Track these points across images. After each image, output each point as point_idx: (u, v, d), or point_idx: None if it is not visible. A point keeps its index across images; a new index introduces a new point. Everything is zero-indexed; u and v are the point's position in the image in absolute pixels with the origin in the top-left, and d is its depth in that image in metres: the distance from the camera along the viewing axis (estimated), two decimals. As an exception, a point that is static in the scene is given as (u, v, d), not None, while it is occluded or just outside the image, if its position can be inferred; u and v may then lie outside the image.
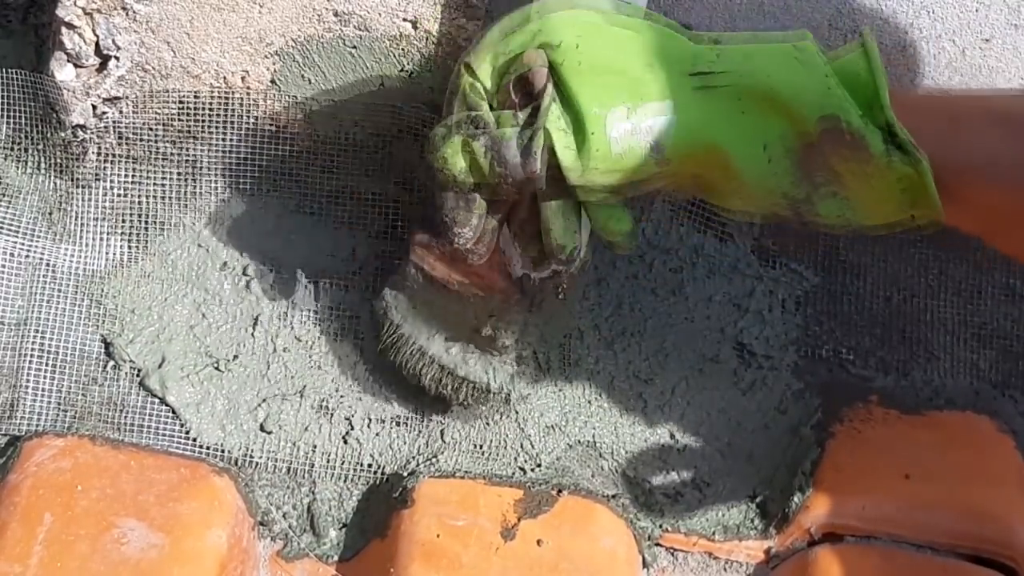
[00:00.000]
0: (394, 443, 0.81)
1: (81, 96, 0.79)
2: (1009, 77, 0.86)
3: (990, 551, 0.78)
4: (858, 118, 0.63)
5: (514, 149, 0.64)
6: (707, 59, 0.65)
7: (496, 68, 0.65)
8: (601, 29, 0.65)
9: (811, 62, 0.64)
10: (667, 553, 0.81)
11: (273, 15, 0.79)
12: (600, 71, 0.63)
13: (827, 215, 0.66)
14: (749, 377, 0.86)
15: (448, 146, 0.65)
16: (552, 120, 0.64)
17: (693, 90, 0.64)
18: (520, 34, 0.65)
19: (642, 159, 0.64)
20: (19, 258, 0.79)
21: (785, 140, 0.65)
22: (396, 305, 0.77)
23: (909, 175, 0.64)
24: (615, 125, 0.63)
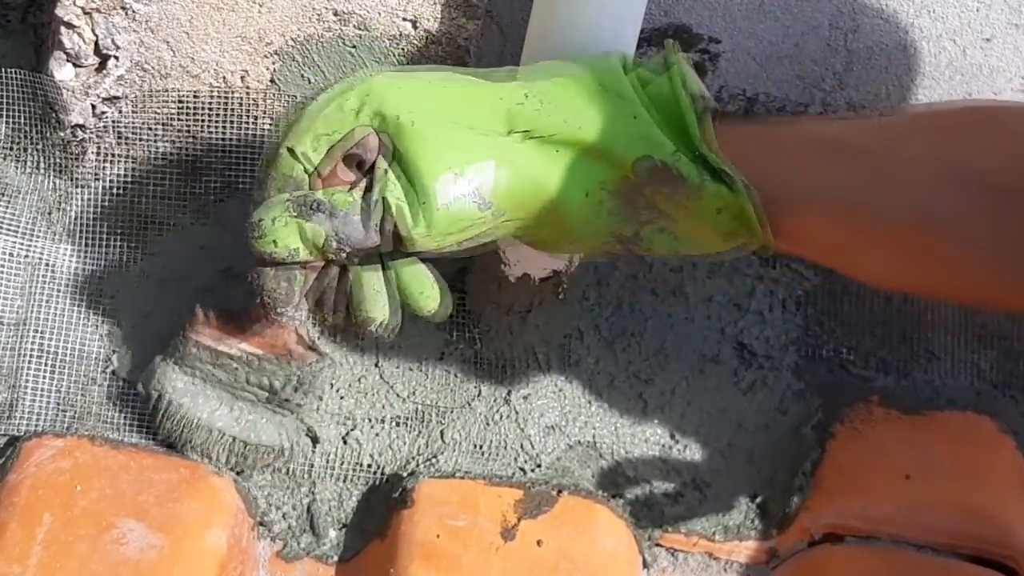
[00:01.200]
0: (394, 443, 0.81)
1: (80, 96, 0.79)
2: (1010, 76, 0.86)
3: (991, 551, 0.78)
4: (671, 153, 0.64)
5: (356, 225, 0.64)
6: (521, 117, 0.65)
7: (317, 148, 0.65)
8: (421, 97, 0.65)
9: (618, 101, 0.65)
10: (667, 553, 0.81)
11: (273, 14, 0.79)
12: (426, 138, 0.64)
13: (657, 248, 0.67)
14: (749, 377, 0.86)
15: (280, 229, 0.65)
16: (389, 191, 0.64)
17: (513, 143, 0.65)
18: (342, 113, 0.65)
19: (474, 217, 0.65)
20: (18, 258, 0.79)
21: (606, 184, 0.65)
22: (172, 384, 0.75)
23: (727, 200, 0.64)
24: (444, 191, 0.64)
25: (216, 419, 0.75)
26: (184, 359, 0.75)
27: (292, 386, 0.75)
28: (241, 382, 0.75)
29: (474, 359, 0.83)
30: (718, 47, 0.85)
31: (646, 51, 0.85)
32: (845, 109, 0.88)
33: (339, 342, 0.81)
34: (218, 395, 0.75)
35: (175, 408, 0.75)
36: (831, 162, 0.65)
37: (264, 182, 0.67)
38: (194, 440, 0.75)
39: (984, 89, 0.87)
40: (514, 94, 0.66)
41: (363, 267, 0.68)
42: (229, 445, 0.75)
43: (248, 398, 0.75)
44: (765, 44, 0.85)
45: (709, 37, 0.85)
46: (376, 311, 0.68)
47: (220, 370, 0.74)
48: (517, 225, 0.67)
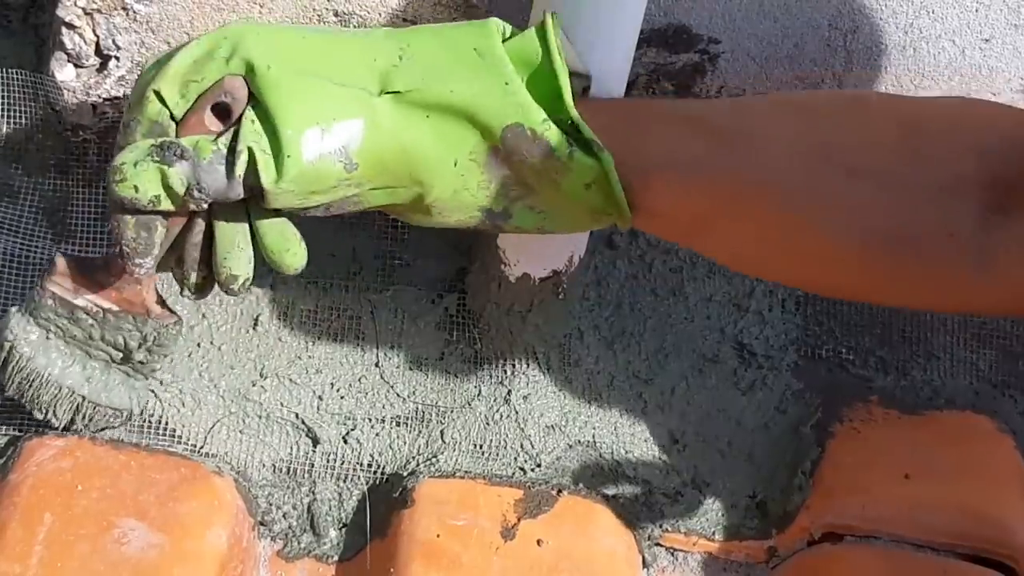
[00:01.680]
0: (394, 443, 0.81)
1: (81, 96, 0.79)
2: (1009, 77, 0.86)
3: (989, 551, 0.78)
4: (540, 121, 0.64)
5: (218, 173, 0.63)
6: (394, 78, 0.64)
7: (185, 95, 0.64)
8: (294, 50, 0.64)
9: (491, 65, 0.65)
10: (667, 553, 0.81)
11: (273, 15, 0.79)
12: (295, 91, 0.63)
13: (525, 225, 0.67)
14: (749, 377, 0.86)
15: (140, 174, 0.63)
16: (253, 140, 0.63)
17: (383, 103, 0.64)
18: (212, 60, 0.64)
19: (339, 177, 0.64)
20: (19, 259, 0.79)
21: (474, 154, 0.65)
22: (25, 338, 0.71)
23: (594, 172, 0.64)
24: (309, 146, 0.63)
25: (66, 376, 0.72)
26: (39, 311, 0.71)
27: (147, 347, 0.72)
28: (96, 340, 0.72)
29: (474, 359, 0.83)
30: (718, 47, 0.85)
31: (645, 51, 0.85)
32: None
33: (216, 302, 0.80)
34: (71, 352, 0.72)
35: (24, 361, 0.71)
36: (688, 134, 0.65)
37: (129, 126, 0.65)
38: (41, 396, 0.72)
39: (983, 89, 0.87)
40: (389, 54, 0.65)
41: (228, 221, 0.66)
42: (77, 404, 0.73)
43: (101, 357, 0.73)
44: (765, 45, 0.85)
45: (709, 37, 0.85)
46: (240, 268, 0.66)
47: (75, 326, 0.71)
48: (385, 193, 0.66)
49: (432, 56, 0.65)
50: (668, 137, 0.65)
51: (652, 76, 0.86)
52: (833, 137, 0.65)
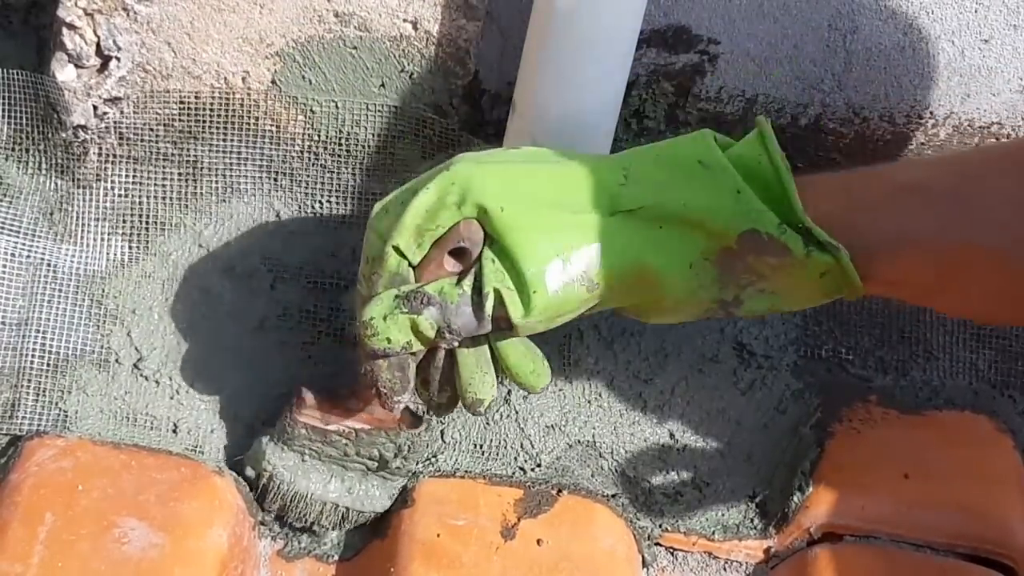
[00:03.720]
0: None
1: (82, 96, 0.79)
2: (1008, 77, 0.86)
3: (989, 550, 0.78)
4: (776, 226, 0.66)
5: (467, 315, 0.66)
6: (623, 198, 0.67)
7: (421, 244, 0.67)
8: (521, 186, 0.67)
9: (718, 175, 0.67)
10: (667, 552, 0.81)
11: (274, 16, 0.79)
12: (530, 227, 0.66)
13: (755, 309, 0.69)
14: (748, 377, 0.86)
15: (391, 327, 0.66)
16: (498, 281, 0.66)
17: (615, 223, 0.67)
18: (444, 208, 0.66)
19: (582, 299, 0.67)
20: (20, 258, 0.79)
21: (708, 254, 0.67)
22: (283, 464, 0.75)
23: (830, 266, 0.66)
24: (553, 278, 0.66)
25: (328, 492, 0.76)
26: (292, 440, 0.75)
27: (402, 456, 0.76)
28: (351, 456, 0.76)
29: (474, 359, 0.83)
30: (717, 48, 0.85)
31: (645, 52, 0.85)
32: (844, 110, 0.88)
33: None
34: (328, 468, 0.76)
35: (285, 486, 0.75)
36: (918, 205, 0.66)
37: (370, 279, 0.68)
38: (308, 513, 0.76)
39: (982, 90, 0.87)
40: (614, 174, 0.68)
41: (471, 349, 0.69)
42: (343, 514, 0.76)
43: (358, 469, 0.76)
44: (764, 45, 0.85)
45: (708, 38, 0.85)
46: (485, 391, 0.70)
47: (329, 447, 0.75)
48: (620, 301, 0.69)
49: (656, 172, 0.68)
50: (895, 213, 0.66)
51: (652, 76, 0.86)
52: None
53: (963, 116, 0.88)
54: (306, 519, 0.76)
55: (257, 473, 0.76)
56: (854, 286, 0.66)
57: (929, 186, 0.67)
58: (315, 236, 0.83)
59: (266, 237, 0.83)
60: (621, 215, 0.67)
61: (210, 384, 0.80)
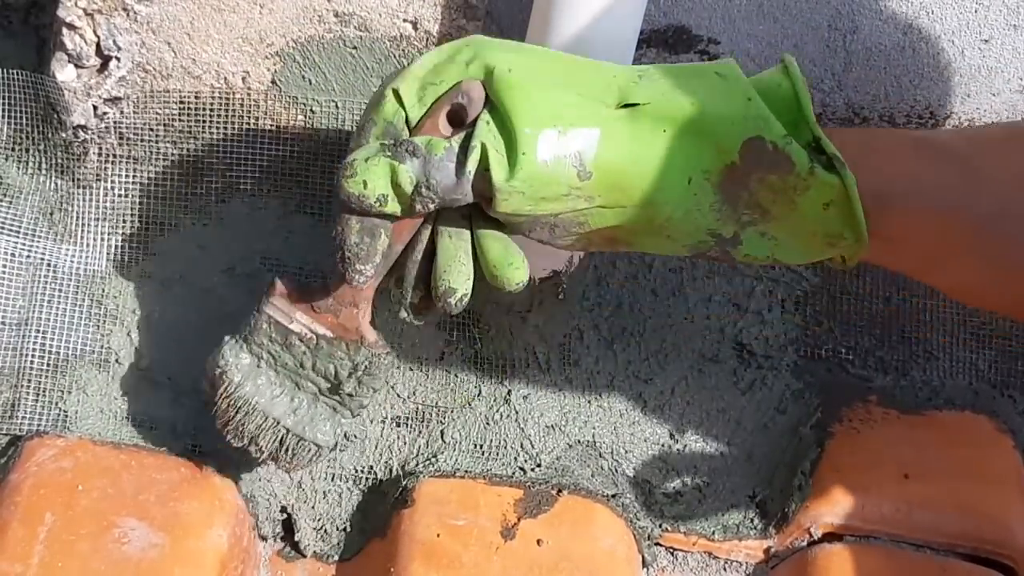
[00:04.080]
0: (394, 443, 0.81)
1: (82, 96, 0.79)
2: (1008, 78, 0.86)
3: (989, 551, 0.78)
4: (782, 136, 0.64)
5: (448, 170, 0.63)
6: (633, 91, 0.65)
7: (423, 99, 0.65)
8: (532, 58, 0.65)
9: (732, 83, 0.65)
10: (667, 553, 0.81)
11: (274, 16, 0.79)
12: (533, 93, 0.63)
13: (755, 253, 0.67)
14: (749, 377, 0.86)
15: (370, 169, 0.63)
16: (488, 138, 0.63)
17: (620, 115, 0.64)
18: (453, 64, 0.64)
19: (572, 183, 0.64)
20: (20, 258, 0.79)
21: (709, 173, 0.64)
22: (236, 364, 0.72)
23: (835, 189, 0.63)
24: (545, 145, 0.63)
25: (274, 406, 0.72)
26: (254, 335, 0.72)
27: (357, 377, 0.72)
28: (307, 369, 0.72)
29: (474, 359, 0.83)
30: (717, 48, 0.85)
31: (645, 52, 0.85)
32: (844, 110, 0.88)
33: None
34: (280, 381, 0.72)
35: (233, 387, 0.72)
36: (927, 162, 0.65)
37: (364, 127, 0.65)
38: (246, 424, 0.72)
39: (982, 90, 0.87)
40: (629, 73, 0.66)
41: (449, 234, 0.66)
42: (282, 436, 0.73)
43: (310, 389, 0.73)
44: (764, 45, 0.85)
45: (708, 38, 0.85)
46: (458, 282, 0.66)
47: (287, 352, 0.72)
48: (614, 213, 0.66)
49: (672, 76, 0.66)
50: (910, 163, 0.65)
51: (652, 76, 0.86)
52: None
53: (963, 116, 0.88)
54: (243, 434, 0.72)
55: (211, 366, 0.72)
56: (858, 228, 0.64)
57: (941, 144, 0.66)
58: (315, 236, 0.83)
59: (266, 237, 0.83)
60: (627, 110, 0.64)
61: (210, 384, 0.80)
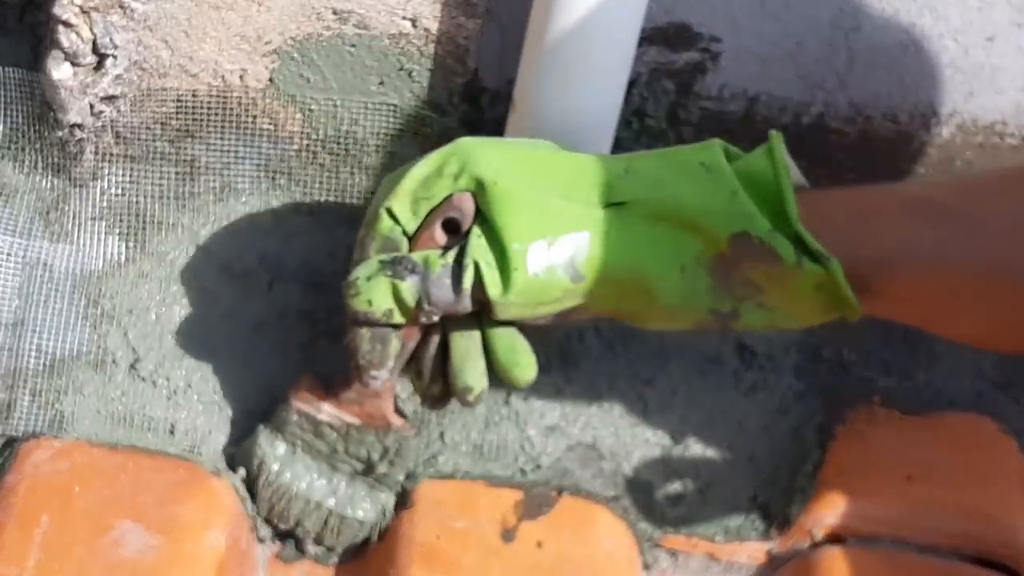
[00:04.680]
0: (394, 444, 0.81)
1: (78, 95, 0.79)
2: (1012, 76, 0.86)
3: (993, 553, 0.78)
4: (767, 231, 0.65)
5: (446, 287, 0.65)
6: (619, 188, 0.66)
7: (416, 212, 0.67)
8: (519, 165, 0.67)
9: (717, 177, 0.66)
10: (668, 555, 0.81)
11: (271, 13, 0.78)
12: (520, 205, 0.65)
13: (753, 324, 0.68)
14: (750, 378, 0.86)
15: (374, 288, 0.66)
16: (480, 255, 0.65)
17: (608, 215, 0.66)
18: (441, 178, 0.66)
19: (565, 288, 0.66)
20: (15, 258, 0.79)
21: (700, 259, 0.66)
22: (273, 453, 0.76)
23: (821, 278, 0.65)
24: (536, 259, 0.65)
25: (315, 490, 0.76)
26: (285, 427, 0.76)
27: (388, 459, 0.76)
28: (340, 453, 0.76)
29: (474, 359, 0.83)
30: (719, 46, 0.85)
31: (646, 50, 0.85)
32: (847, 109, 0.88)
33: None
34: (317, 466, 0.76)
35: (274, 476, 0.76)
36: (921, 222, 0.66)
37: (363, 242, 0.68)
38: (290, 510, 0.76)
39: (986, 88, 0.87)
40: (614, 166, 0.67)
41: (460, 334, 0.69)
42: (324, 518, 0.76)
43: (345, 471, 0.76)
44: (766, 43, 0.85)
45: (710, 36, 0.85)
46: (474, 380, 0.69)
47: (320, 440, 0.76)
48: (610, 301, 0.68)
49: (657, 170, 0.67)
50: (897, 227, 0.66)
51: (653, 75, 0.86)
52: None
53: (967, 114, 0.88)
54: (289, 518, 0.76)
55: (249, 459, 0.76)
56: (849, 303, 0.65)
57: (933, 201, 0.67)
58: (313, 236, 0.83)
59: (264, 237, 0.83)
60: (615, 208, 0.66)
61: (207, 385, 0.80)
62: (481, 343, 0.69)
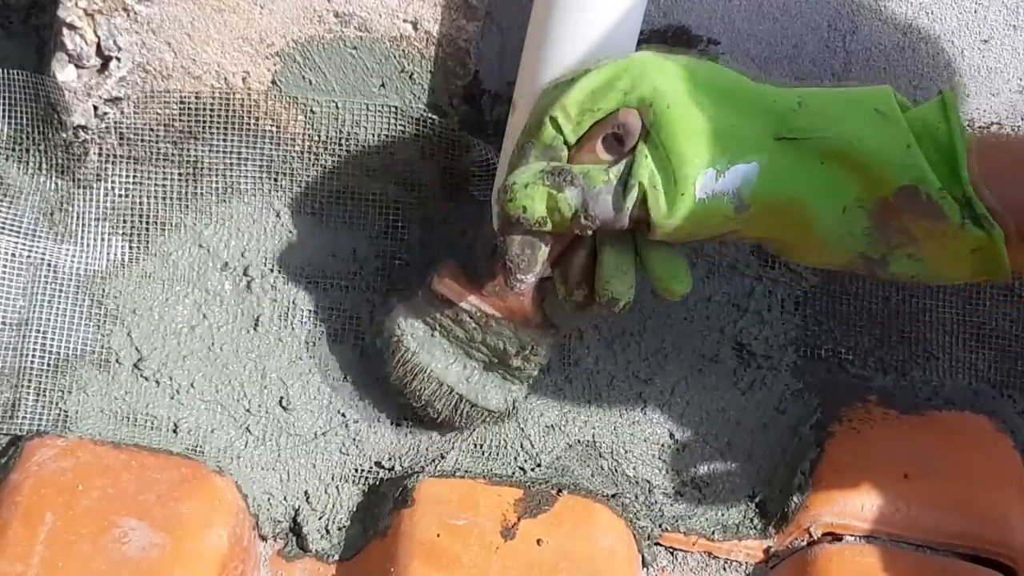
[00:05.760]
0: (394, 443, 0.81)
1: (82, 97, 0.79)
2: (1008, 78, 0.86)
3: (989, 551, 0.78)
4: (937, 189, 0.65)
5: (607, 203, 0.65)
6: (793, 121, 0.66)
7: (580, 123, 0.67)
8: (692, 87, 0.66)
9: (892, 125, 0.66)
10: (667, 552, 0.81)
11: (274, 16, 0.79)
12: (692, 130, 0.65)
13: (900, 273, 0.68)
14: (748, 377, 0.86)
15: (531, 195, 0.66)
16: (646, 176, 0.65)
17: (778, 147, 0.66)
18: (612, 92, 0.66)
19: (728, 216, 0.66)
20: (20, 258, 0.79)
21: (863, 201, 0.66)
22: (412, 332, 0.77)
23: (983, 242, 0.65)
24: (705, 184, 0.64)
25: (448, 373, 0.77)
26: (425, 309, 0.76)
27: (523, 355, 0.76)
28: (477, 342, 0.76)
29: (474, 359, 0.83)
30: (717, 48, 0.85)
31: (645, 52, 0.85)
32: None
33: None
34: (453, 351, 0.77)
35: (410, 354, 0.77)
36: None
37: (524, 148, 0.68)
38: (422, 389, 0.77)
39: (982, 90, 0.87)
40: (788, 99, 0.67)
41: (613, 246, 0.69)
42: (455, 402, 0.77)
43: (480, 359, 0.77)
44: (764, 45, 0.85)
45: (708, 38, 0.85)
46: (622, 291, 0.69)
47: (458, 327, 0.76)
48: (765, 230, 0.68)
49: (831, 107, 0.66)
50: None
51: (652, 77, 0.86)
52: None
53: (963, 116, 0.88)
54: (420, 395, 0.77)
55: (387, 333, 0.77)
56: (1004, 269, 0.65)
57: None
58: (315, 236, 0.84)
59: (266, 237, 0.83)
60: (785, 142, 0.66)
61: (210, 384, 0.80)
62: (632, 258, 0.69)
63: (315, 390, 0.81)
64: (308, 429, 0.80)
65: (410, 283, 0.83)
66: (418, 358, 0.77)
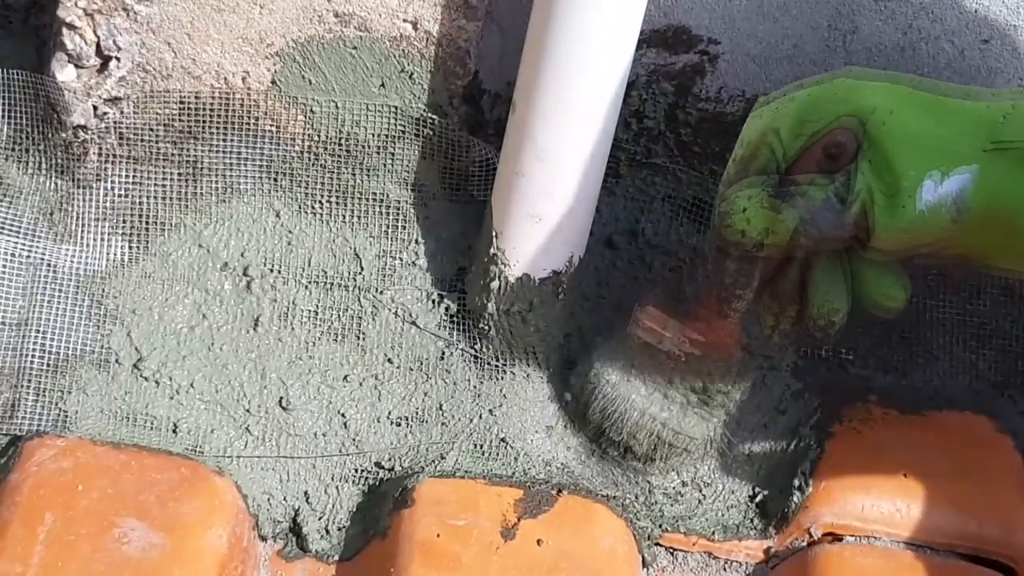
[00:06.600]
0: (394, 443, 0.81)
1: (82, 97, 0.79)
2: (1008, 77, 0.86)
3: (989, 551, 0.79)
4: None
5: (827, 218, 0.66)
6: (1002, 132, 0.66)
7: (799, 135, 0.67)
8: (900, 103, 0.67)
9: None
10: (667, 553, 0.81)
11: (274, 16, 0.79)
12: (913, 139, 0.66)
13: None
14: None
15: (748, 217, 0.67)
16: (867, 185, 0.66)
17: (989, 157, 0.66)
18: (830, 104, 0.67)
19: (946, 224, 0.66)
20: (20, 258, 0.79)
21: None
22: (608, 371, 0.78)
23: None
24: (925, 195, 0.65)
25: (651, 403, 0.78)
26: (622, 349, 0.78)
27: (723, 391, 0.78)
28: (675, 383, 0.78)
29: (474, 359, 0.83)
30: (717, 48, 0.85)
31: (645, 52, 0.85)
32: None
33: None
34: (653, 384, 0.78)
35: (611, 388, 0.78)
36: None
37: (742, 162, 0.69)
38: (625, 420, 0.78)
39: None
40: (996, 109, 0.67)
41: (825, 265, 0.69)
42: (658, 430, 0.78)
43: (677, 400, 0.78)
44: (764, 45, 0.85)
45: (708, 38, 0.85)
46: (841, 303, 0.70)
47: (655, 369, 0.77)
48: (976, 238, 0.68)
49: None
50: None
51: (652, 77, 0.86)
52: None
53: None
54: (623, 429, 0.78)
55: (586, 371, 0.79)
56: None
57: None
58: (315, 236, 0.83)
59: (266, 237, 0.83)
60: (996, 152, 0.66)
61: (210, 384, 0.80)
62: (845, 269, 0.70)
63: (315, 390, 0.81)
64: (308, 429, 0.80)
65: (409, 282, 0.83)
66: (619, 389, 0.78)
